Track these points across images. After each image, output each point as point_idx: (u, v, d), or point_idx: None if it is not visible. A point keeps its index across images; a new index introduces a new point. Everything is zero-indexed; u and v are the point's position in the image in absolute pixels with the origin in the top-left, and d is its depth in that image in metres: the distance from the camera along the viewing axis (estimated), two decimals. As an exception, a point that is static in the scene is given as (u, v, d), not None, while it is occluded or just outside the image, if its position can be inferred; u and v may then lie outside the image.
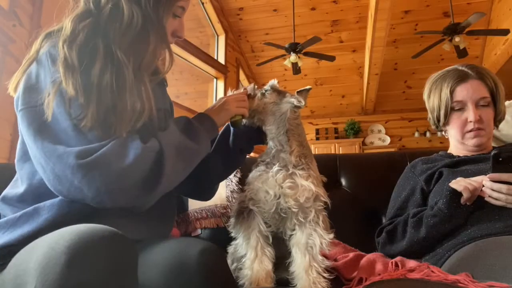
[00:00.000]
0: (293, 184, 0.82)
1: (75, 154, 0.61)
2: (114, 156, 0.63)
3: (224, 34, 5.82)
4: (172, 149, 0.70)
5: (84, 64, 0.67)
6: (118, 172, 0.62)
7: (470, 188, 0.90)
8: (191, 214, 1.39)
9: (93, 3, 0.74)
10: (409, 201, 1.09)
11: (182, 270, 0.59)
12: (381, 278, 0.80)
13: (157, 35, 0.76)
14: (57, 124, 0.65)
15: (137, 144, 0.66)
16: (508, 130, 1.33)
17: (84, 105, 0.65)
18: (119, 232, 0.52)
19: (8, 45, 2.62)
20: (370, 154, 3.02)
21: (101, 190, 0.61)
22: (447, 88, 1.10)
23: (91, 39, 0.70)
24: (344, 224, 0.91)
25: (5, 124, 2.59)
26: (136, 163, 0.64)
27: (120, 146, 0.64)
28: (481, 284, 0.67)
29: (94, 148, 0.63)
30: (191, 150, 0.75)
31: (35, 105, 0.66)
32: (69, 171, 0.61)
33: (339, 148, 6.76)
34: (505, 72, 5.02)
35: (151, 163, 0.66)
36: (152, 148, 0.67)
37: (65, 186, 0.63)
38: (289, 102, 0.90)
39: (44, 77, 0.68)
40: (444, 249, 0.94)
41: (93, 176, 0.61)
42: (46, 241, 0.51)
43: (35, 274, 0.47)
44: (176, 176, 0.72)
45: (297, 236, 0.84)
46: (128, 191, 0.64)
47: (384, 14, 4.28)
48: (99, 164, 0.61)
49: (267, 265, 0.82)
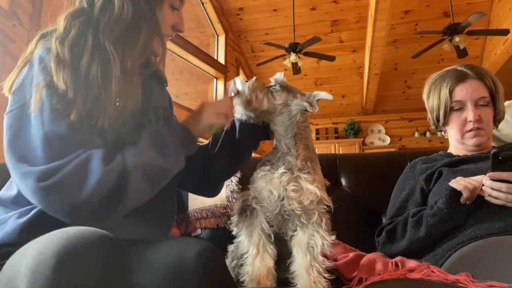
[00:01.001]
0: (297, 187, 0.82)
1: (35, 176, 0.60)
2: (72, 183, 0.61)
3: (224, 34, 5.82)
4: (139, 169, 0.66)
5: (75, 58, 0.67)
6: (76, 201, 0.61)
7: (470, 188, 0.90)
8: (191, 214, 1.40)
9: (86, 1, 0.74)
10: (409, 200, 1.09)
11: (180, 271, 0.59)
12: (381, 278, 0.80)
13: (149, 27, 0.75)
14: (27, 130, 0.64)
15: (98, 167, 0.63)
16: (508, 130, 1.33)
17: (72, 100, 0.65)
18: (109, 235, 0.52)
19: (8, 45, 2.62)
20: (370, 154, 3.02)
21: (60, 213, 0.62)
22: (446, 88, 1.10)
23: (83, 33, 0.70)
24: (344, 224, 0.92)
25: (5, 124, 2.59)
26: (95, 190, 0.61)
27: (80, 169, 0.62)
28: (481, 284, 0.67)
29: (55, 167, 0.61)
30: (161, 170, 0.71)
31: (17, 107, 0.66)
32: (29, 192, 0.61)
33: (339, 148, 6.76)
34: (505, 72, 5.02)
35: (112, 186, 0.63)
36: (114, 169, 0.64)
37: (33, 200, 0.63)
38: (300, 105, 0.87)
39: (30, 80, 0.68)
40: (444, 249, 0.94)
41: (51, 200, 0.61)
42: (36, 245, 0.50)
43: (24, 278, 0.47)
44: (141, 196, 0.69)
45: (299, 236, 0.84)
46: (88, 215, 0.63)
47: (384, 14, 4.28)
48: (57, 190, 0.60)
49: (268, 262, 0.82)
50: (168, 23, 0.82)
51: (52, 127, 0.63)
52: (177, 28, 0.84)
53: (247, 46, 6.28)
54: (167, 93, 0.95)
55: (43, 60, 0.67)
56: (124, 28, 0.72)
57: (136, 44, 0.74)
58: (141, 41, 0.74)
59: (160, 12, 0.78)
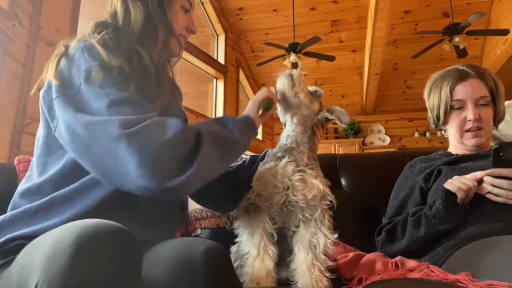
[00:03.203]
0: (302, 178, 0.84)
1: (118, 123, 0.62)
2: (155, 130, 0.64)
3: (224, 34, 5.82)
4: (209, 134, 0.70)
5: (117, 47, 0.75)
6: (159, 144, 0.63)
7: (464, 188, 0.89)
8: (191, 214, 1.39)
9: (110, 14, 0.83)
10: (408, 200, 1.09)
11: (187, 268, 0.60)
12: (381, 278, 0.80)
13: (164, 26, 0.83)
14: (91, 107, 0.67)
15: (176, 122, 0.67)
16: (508, 130, 1.33)
17: (129, 73, 0.71)
18: (125, 228, 0.53)
19: (8, 45, 2.62)
20: (370, 154, 3.02)
21: (142, 162, 0.61)
22: (447, 86, 1.10)
23: (114, 37, 0.78)
24: (344, 224, 0.92)
25: (5, 124, 2.59)
26: (175, 139, 0.64)
27: (159, 121, 0.66)
28: (480, 283, 0.67)
29: (135, 120, 0.64)
30: (229, 140, 0.75)
31: (70, 95, 0.69)
32: (114, 142, 0.62)
33: (339, 148, 6.75)
34: (505, 72, 5.02)
35: (189, 141, 0.66)
36: (191, 128, 0.69)
37: (111, 159, 0.63)
38: (326, 117, 0.95)
39: (77, 69, 0.71)
40: (444, 249, 0.94)
41: (135, 145, 0.61)
42: (53, 234, 0.51)
43: (40, 265, 0.48)
44: (212, 162, 0.70)
45: (301, 234, 0.84)
46: (166, 166, 0.63)
47: (384, 14, 4.28)
48: (141, 135, 0.62)
49: (268, 264, 0.82)
50: (182, 25, 0.88)
51: (117, 95, 0.67)
52: (190, 29, 0.91)
53: (247, 46, 6.28)
54: (182, 107, 1.00)
55: (89, 48, 0.72)
56: (143, 30, 0.81)
57: (157, 42, 0.82)
58: (160, 38, 0.82)
59: (172, 14, 0.85)
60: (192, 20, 0.91)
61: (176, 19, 0.86)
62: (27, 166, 1.11)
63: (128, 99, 0.68)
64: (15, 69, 2.70)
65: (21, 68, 2.75)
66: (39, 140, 0.78)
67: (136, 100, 0.69)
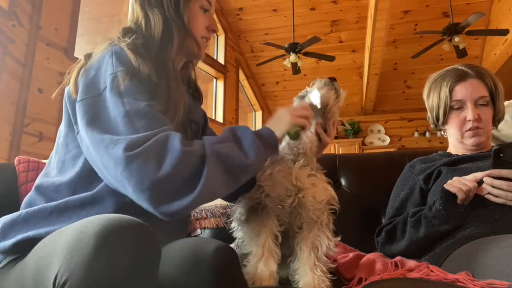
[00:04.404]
0: (314, 181, 0.85)
1: (125, 144, 0.61)
2: (152, 158, 0.61)
3: (223, 34, 5.82)
4: (216, 157, 0.66)
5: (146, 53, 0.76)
6: (155, 175, 0.60)
7: (464, 189, 0.90)
8: (191, 214, 1.39)
9: (133, 22, 0.83)
10: (408, 200, 1.09)
11: (197, 266, 0.61)
12: (380, 278, 0.80)
13: (180, 30, 0.82)
14: (108, 113, 0.67)
15: (177, 145, 0.63)
16: (508, 130, 1.33)
17: (156, 82, 0.72)
18: (145, 224, 0.54)
19: (7, 45, 2.62)
20: (370, 154, 3.02)
21: (138, 187, 0.60)
22: (446, 87, 1.10)
23: (144, 45, 0.78)
24: (344, 224, 0.92)
25: (5, 124, 2.59)
26: (174, 165, 0.61)
27: (161, 146, 0.62)
28: (480, 283, 0.68)
29: (140, 139, 0.62)
30: (239, 165, 0.68)
31: (91, 96, 0.70)
32: (113, 163, 0.61)
33: (339, 148, 6.76)
34: (505, 72, 5.03)
35: (191, 165, 0.63)
36: (195, 150, 0.64)
37: (113, 179, 0.63)
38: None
39: (104, 71, 0.71)
40: (443, 249, 0.94)
41: (132, 170, 0.60)
42: (75, 226, 0.52)
43: (60, 255, 0.48)
44: (215, 187, 0.66)
45: (304, 235, 0.85)
46: (164, 191, 0.61)
47: (383, 14, 4.28)
48: (139, 159, 0.60)
49: (272, 266, 0.83)
50: (203, 25, 0.88)
51: (135, 106, 0.67)
52: (211, 29, 0.90)
53: (246, 46, 6.28)
54: (201, 109, 1.00)
55: (118, 53, 0.73)
56: (162, 36, 0.81)
57: (172, 45, 0.81)
58: (175, 43, 0.81)
59: (191, 16, 0.85)
60: (213, 19, 0.90)
61: (196, 20, 0.86)
62: (27, 166, 1.11)
63: (145, 111, 0.67)
64: (15, 69, 2.70)
65: (21, 68, 2.75)
66: (60, 138, 0.79)
67: (152, 113, 0.68)
